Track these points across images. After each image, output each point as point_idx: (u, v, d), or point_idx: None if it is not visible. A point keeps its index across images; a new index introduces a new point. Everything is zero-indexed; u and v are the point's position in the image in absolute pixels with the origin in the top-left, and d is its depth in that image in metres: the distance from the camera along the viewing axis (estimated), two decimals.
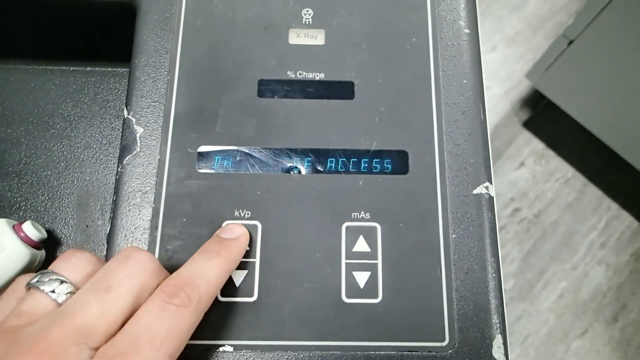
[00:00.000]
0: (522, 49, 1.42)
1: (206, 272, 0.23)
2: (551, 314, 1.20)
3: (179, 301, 0.21)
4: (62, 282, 0.22)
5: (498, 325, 0.27)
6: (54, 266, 0.23)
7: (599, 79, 1.03)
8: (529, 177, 1.30)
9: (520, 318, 1.20)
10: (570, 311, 1.20)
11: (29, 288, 0.22)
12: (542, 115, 1.32)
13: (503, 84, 1.38)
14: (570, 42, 1.02)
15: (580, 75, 1.06)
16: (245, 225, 0.28)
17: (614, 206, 1.28)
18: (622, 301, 1.21)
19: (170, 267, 0.27)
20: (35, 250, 0.33)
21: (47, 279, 0.22)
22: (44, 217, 0.36)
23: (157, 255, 0.27)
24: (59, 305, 0.22)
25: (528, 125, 1.33)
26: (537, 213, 1.28)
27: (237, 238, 0.26)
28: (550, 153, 1.31)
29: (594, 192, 1.28)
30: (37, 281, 0.22)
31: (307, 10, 0.32)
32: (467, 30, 0.31)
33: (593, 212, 1.27)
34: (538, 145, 1.32)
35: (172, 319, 0.21)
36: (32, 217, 0.36)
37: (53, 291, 0.22)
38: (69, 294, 0.22)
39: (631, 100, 1.01)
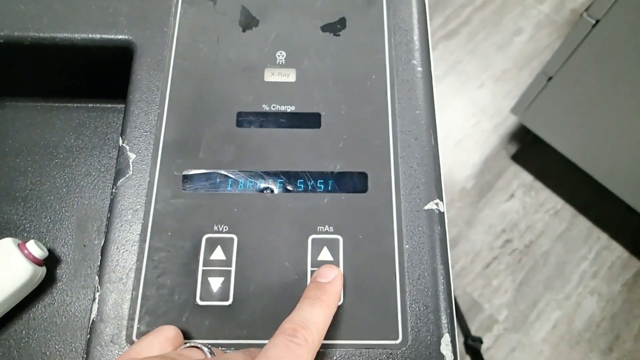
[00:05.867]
0: (509, 85, 1.48)
1: (314, 317, 0.27)
2: (546, 344, 1.20)
3: (298, 340, 0.25)
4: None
5: (446, 325, 0.30)
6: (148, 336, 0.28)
7: (579, 113, 1.08)
8: (519, 209, 1.33)
9: (514, 349, 1.20)
10: (564, 342, 1.21)
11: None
12: (530, 149, 1.37)
13: (491, 119, 1.44)
14: (550, 79, 1.07)
15: (562, 109, 1.11)
16: (223, 239, 0.31)
17: (604, 236, 1.30)
18: (616, 331, 1.22)
19: (157, 274, 0.30)
20: (37, 267, 0.36)
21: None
22: (46, 237, 0.40)
23: (144, 264, 0.31)
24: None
25: (517, 158, 1.37)
26: (528, 244, 1.30)
27: (333, 281, 0.30)
28: (539, 185, 1.35)
29: (583, 223, 1.31)
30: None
31: (281, 53, 0.37)
32: (420, 69, 0.36)
33: (583, 242, 1.30)
34: (527, 177, 1.36)
35: (295, 355, 0.25)
36: (36, 237, 0.40)
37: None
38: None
39: (611, 134, 1.06)
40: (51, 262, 0.39)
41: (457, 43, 1.55)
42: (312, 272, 0.31)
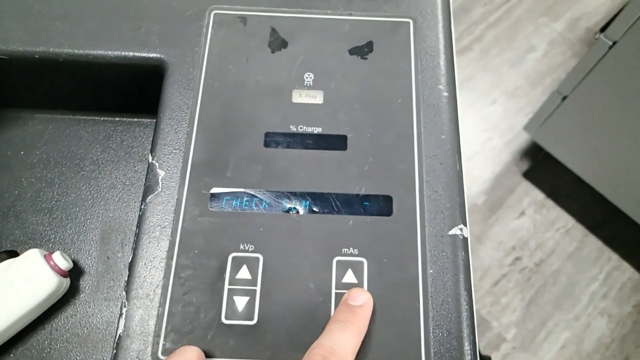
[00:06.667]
0: (521, 102, 1.48)
1: (343, 341, 0.27)
2: None
3: None
4: None
5: (469, 351, 0.30)
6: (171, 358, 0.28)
7: (593, 133, 1.08)
8: (530, 226, 1.32)
9: None
10: None
11: None
12: (541, 166, 1.36)
13: (504, 136, 1.43)
14: (564, 98, 1.08)
15: (575, 129, 1.11)
16: (248, 258, 0.32)
17: (615, 257, 1.29)
18: (625, 354, 1.21)
19: (183, 292, 0.31)
20: (62, 278, 0.37)
21: None
22: (70, 249, 0.40)
23: (171, 282, 0.31)
24: None
25: (528, 175, 1.37)
26: (538, 262, 1.29)
27: (363, 305, 0.30)
28: (550, 203, 1.34)
29: (594, 243, 1.30)
30: None
31: (309, 75, 0.37)
32: (445, 94, 0.36)
33: (594, 262, 1.29)
34: (538, 195, 1.36)
35: None
36: (60, 247, 0.40)
37: None
38: None
39: (625, 154, 1.05)
40: (75, 273, 0.39)
41: (470, 59, 1.56)
42: (337, 294, 0.31)
